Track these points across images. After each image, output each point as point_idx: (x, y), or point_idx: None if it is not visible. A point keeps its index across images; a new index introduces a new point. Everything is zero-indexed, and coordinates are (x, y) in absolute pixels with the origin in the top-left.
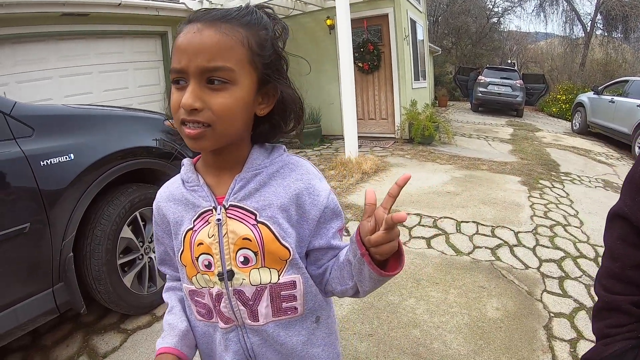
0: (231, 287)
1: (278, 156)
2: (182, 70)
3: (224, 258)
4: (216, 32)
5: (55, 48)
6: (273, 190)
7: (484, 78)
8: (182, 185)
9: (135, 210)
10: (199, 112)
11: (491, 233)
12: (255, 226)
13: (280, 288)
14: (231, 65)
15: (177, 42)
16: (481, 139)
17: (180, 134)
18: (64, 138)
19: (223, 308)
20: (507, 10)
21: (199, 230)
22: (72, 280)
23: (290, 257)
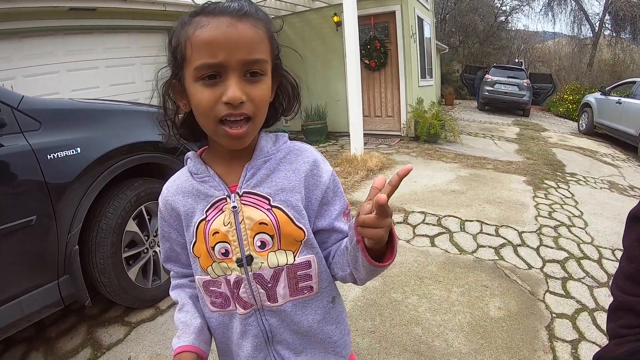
0: (251, 271)
1: (283, 143)
2: (220, 65)
3: (242, 244)
4: (250, 26)
5: (62, 42)
6: (283, 175)
7: (490, 77)
8: (190, 177)
9: (141, 204)
10: (243, 105)
11: (495, 232)
12: (270, 210)
13: (296, 268)
14: (265, 57)
15: (206, 35)
16: (487, 138)
17: (215, 135)
18: (71, 132)
19: (242, 293)
20: (515, 9)
21: (212, 220)
22: (77, 273)
23: (305, 237)
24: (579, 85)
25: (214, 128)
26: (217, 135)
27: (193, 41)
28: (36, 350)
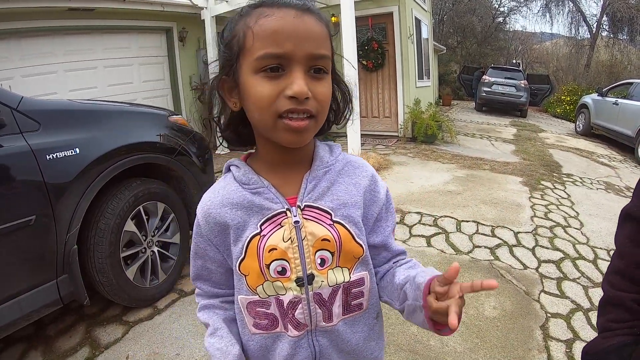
0: (311, 291)
1: (339, 153)
2: (285, 56)
3: (304, 262)
4: (316, 21)
5: (61, 42)
6: (345, 188)
7: (488, 78)
8: (240, 187)
9: (139, 205)
10: (308, 101)
11: (491, 233)
12: (332, 226)
13: (351, 286)
14: (329, 54)
15: (271, 25)
16: (484, 138)
17: (272, 130)
18: (70, 132)
19: (299, 314)
20: (512, 10)
21: (268, 235)
22: (75, 272)
23: (363, 254)
24: (576, 86)
25: (273, 123)
26: (275, 130)
27: (255, 30)
28: (35, 349)
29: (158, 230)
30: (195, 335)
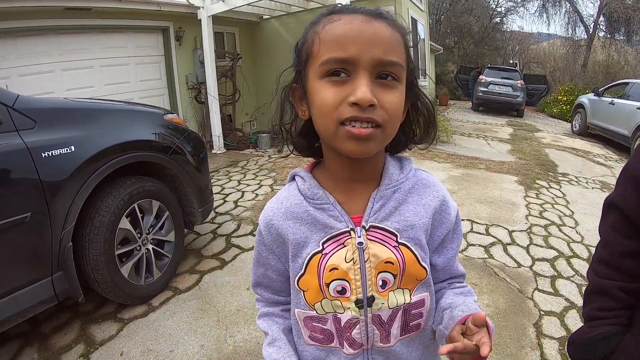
0: (370, 313)
1: (409, 170)
2: (350, 61)
3: (365, 284)
4: (386, 25)
5: (57, 42)
6: (413, 209)
7: (485, 78)
8: (304, 200)
9: (134, 202)
10: (373, 110)
11: (485, 231)
12: (397, 248)
13: (411, 307)
14: (401, 62)
15: (337, 29)
16: (480, 138)
17: (334, 138)
18: (65, 131)
19: (356, 334)
20: (509, 10)
21: (330, 254)
22: (70, 269)
23: (426, 277)
24: (573, 86)
25: (334, 130)
26: (337, 138)
27: (322, 36)
28: (30, 346)
29: (153, 228)
30: (189, 332)
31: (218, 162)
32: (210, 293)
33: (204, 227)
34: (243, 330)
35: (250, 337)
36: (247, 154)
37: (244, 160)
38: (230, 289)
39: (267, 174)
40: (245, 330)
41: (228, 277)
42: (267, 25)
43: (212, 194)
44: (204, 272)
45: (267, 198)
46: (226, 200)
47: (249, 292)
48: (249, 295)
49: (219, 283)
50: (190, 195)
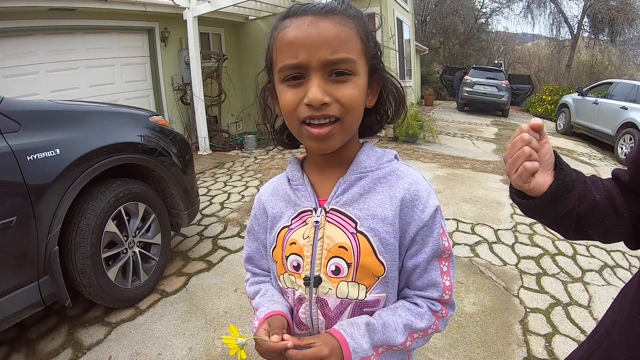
0: (315, 294)
1: (387, 161)
2: (301, 65)
3: (314, 263)
4: (333, 24)
5: (42, 42)
6: (379, 199)
7: (470, 78)
8: (286, 182)
9: (120, 205)
10: (328, 107)
11: (471, 230)
12: (354, 235)
13: (364, 305)
14: (353, 56)
15: (287, 36)
16: (465, 138)
17: (299, 136)
18: (51, 133)
19: (301, 314)
20: (495, 11)
21: (294, 230)
22: (57, 273)
23: (384, 274)
24: (557, 86)
25: (298, 129)
26: (301, 137)
27: (277, 44)
28: (17, 352)
29: (139, 231)
30: (177, 335)
31: (204, 163)
32: (197, 295)
33: (190, 229)
34: None
35: None
36: (233, 155)
37: (230, 162)
38: (218, 291)
39: (253, 175)
40: None
41: (215, 279)
42: (253, 25)
43: (198, 196)
44: (190, 274)
45: (253, 199)
46: (212, 202)
47: (236, 294)
48: (236, 297)
49: (206, 285)
50: (176, 197)
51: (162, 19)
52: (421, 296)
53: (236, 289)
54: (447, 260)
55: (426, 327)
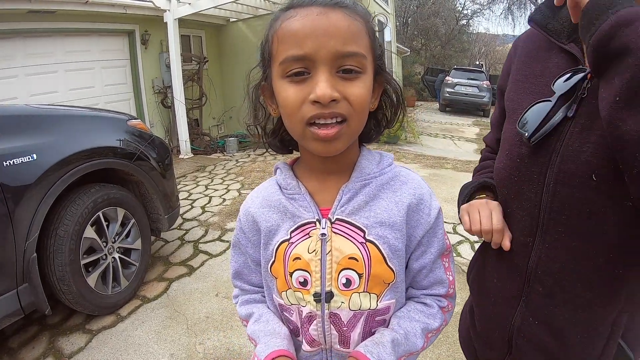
0: (327, 309)
1: (387, 166)
2: (307, 57)
3: (324, 277)
4: (344, 16)
5: (21, 45)
6: (385, 205)
7: (451, 79)
8: (279, 190)
9: (98, 211)
10: (337, 104)
11: (453, 230)
12: (364, 244)
13: (376, 314)
14: (363, 51)
15: (293, 26)
16: (447, 138)
17: (302, 139)
18: (27, 138)
19: (313, 330)
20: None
21: (296, 243)
22: (36, 281)
23: (394, 280)
24: None
25: (302, 131)
26: (305, 139)
27: (279, 34)
28: None
29: (119, 236)
30: (159, 341)
31: (185, 167)
32: (178, 300)
33: (171, 234)
34: (213, 337)
35: (220, 344)
36: (214, 158)
37: (212, 165)
38: (199, 296)
39: (234, 178)
40: (215, 337)
41: (196, 283)
42: (234, 28)
43: (179, 200)
44: (172, 279)
45: (235, 203)
46: (193, 206)
47: (217, 299)
48: (217, 301)
49: (187, 290)
50: (155, 201)
51: (143, 21)
52: (429, 294)
53: (217, 293)
54: (448, 256)
55: (439, 326)
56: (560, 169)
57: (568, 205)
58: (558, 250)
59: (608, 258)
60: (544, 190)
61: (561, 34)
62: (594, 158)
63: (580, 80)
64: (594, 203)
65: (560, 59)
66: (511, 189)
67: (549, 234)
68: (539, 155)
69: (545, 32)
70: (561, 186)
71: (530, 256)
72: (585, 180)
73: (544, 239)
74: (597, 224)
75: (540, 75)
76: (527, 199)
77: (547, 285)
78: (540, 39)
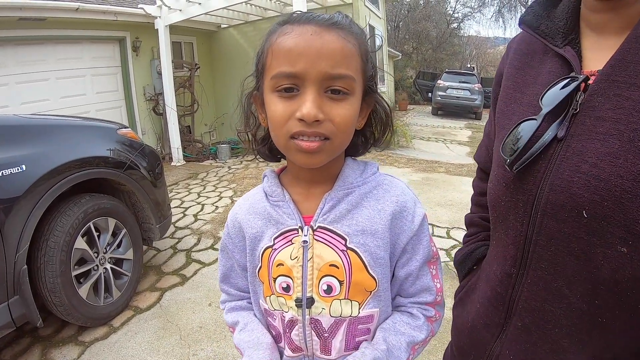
0: (308, 315)
1: (371, 174)
2: (297, 75)
3: (305, 283)
4: (338, 37)
5: (12, 53)
6: (367, 213)
7: (443, 82)
8: (264, 198)
9: (89, 221)
10: (320, 124)
11: (446, 234)
12: (345, 252)
13: (358, 322)
14: (353, 74)
15: (287, 43)
16: (439, 141)
17: (286, 150)
18: (16, 149)
19: (294, 336)
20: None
21: (279, 250)
22: (26, 293)
23: (376, 288)
24: None
25: (285, 143)
26: (288, 150)
27: (274, 49)
28: None
29: (110, 247)
30: (151, 352)
31: (177, 174)
32: (171, 311)
33: (164, 243)
34: (206, 347)
35: (213, 355)
36: (206, 165)
37: (204, 172)
38: (192, 306)
39: (227, 185)
40: (209, 348)
41: (189, 293)
42: (226, 34)
43: (170, 209)
44: (164, 289)
45: (227, 210)
46: (186, 214)
47: (210, 308)
48: (210, 311)
49: (180, 300)
50: (147, 211)
51: (134, 28)
52: (416, 302)
53: (210, 303)
54: (435, 264)
55: (425, 337)
56: (548, 199)
57: (554, 242)
58: (539, 288)
59: (592, 305)
60: (529, 221)
61: (556, 35)
62: (586, 192)
63: (574, 91)
64: (583, 243)
65: (554, 65)
66: (499, 213)
67: (532, 268)
68: (524, 182)
69: (538, 34)
70: (548, 219)
71: (514, 287)
72: (575, 216)
73: (527, 273)
74: (585, 267)
75: (532, 84)
76: (513, 228)
77: (525, 322)
78: (535, 41)
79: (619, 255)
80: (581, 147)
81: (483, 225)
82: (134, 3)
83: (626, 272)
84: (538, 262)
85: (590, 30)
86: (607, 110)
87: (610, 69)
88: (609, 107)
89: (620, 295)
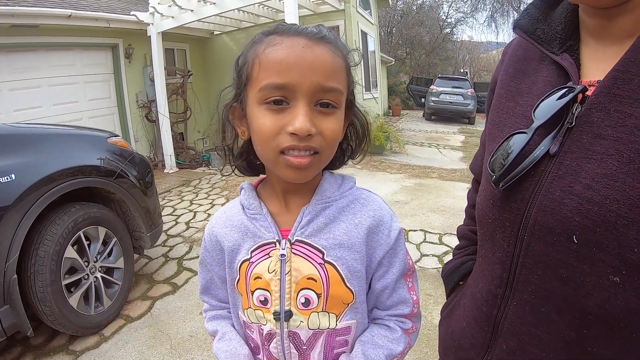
0: (287, 328)
1: (348, 189)
2: (288, 87)
3: (283, 297)
4: (328, 51)
5: (4, 60)
6: (344, 227)
7: (436, 87)
8: (242, 211)
9: (79, 230)
10: (311, 138)
11: (439, 240)
12: (322, 265)
13: (336, 334)
14: (342, 87)
15: (277, 54)
16: (432, 147)
17: (274, 165)
18: (5, 158)
19: (273, 349)
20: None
21: (256, 263)
22: (17, 303)
23: (353, 301)
24: None
25: (274, 158)
26: (276, 165)
27: (262, 59)
28: None
29: (100, 255)
30: None
31: (170, 181)
32: (162, 319)
33: (155, 251)
34: (197, 356)
35: None
36: (199, 172)
37: (197, 179)
38: (183, 315)
39: (219, 192)
40: (199, 357)
41: (180, 302)
42: (218, 40)
43: (161, 217)
44: (155, 298)
45: None
46: (178, 222)
47: (201, 317)
48: (201, 320)
49: (171, 309)
50: (137, 219)
51: (126, 35)
52: (393, 315)
53: (201, 311)
54: (411, 276)
55: (403, 350)
56: (537, 221)
57: (542, 265)
58: (526, 312)
59: (581, 334)
60: (516, 241)
61: (553, 41)
62: (578, 216)
63: (569, 102)
64: (572, 269)
65: (550, 74)
66: (486, 230)
67: (518, 291)
68: (512, 200)
69: (534, 39)
70: (536, 241)
71: (499, 308)
72: (564, 240)
73: (514, 295)
74: (573, 294)
75: (526, 93)
76: (500, 247)
77: (510, 345)
78: (531, 47)
79: (611, 284)
80: (575, 166)
81: (473, 239)
82: (127, 10)
83: (618, 302)
84: (524, 285)
85: (590, 36)
86: (607, 128)
87: (611, 81)
88: (608, 124)
89: (611, 326)
